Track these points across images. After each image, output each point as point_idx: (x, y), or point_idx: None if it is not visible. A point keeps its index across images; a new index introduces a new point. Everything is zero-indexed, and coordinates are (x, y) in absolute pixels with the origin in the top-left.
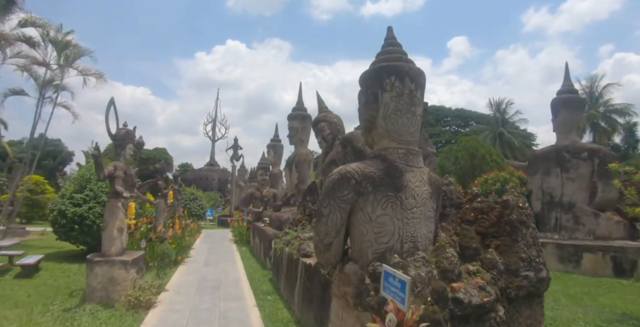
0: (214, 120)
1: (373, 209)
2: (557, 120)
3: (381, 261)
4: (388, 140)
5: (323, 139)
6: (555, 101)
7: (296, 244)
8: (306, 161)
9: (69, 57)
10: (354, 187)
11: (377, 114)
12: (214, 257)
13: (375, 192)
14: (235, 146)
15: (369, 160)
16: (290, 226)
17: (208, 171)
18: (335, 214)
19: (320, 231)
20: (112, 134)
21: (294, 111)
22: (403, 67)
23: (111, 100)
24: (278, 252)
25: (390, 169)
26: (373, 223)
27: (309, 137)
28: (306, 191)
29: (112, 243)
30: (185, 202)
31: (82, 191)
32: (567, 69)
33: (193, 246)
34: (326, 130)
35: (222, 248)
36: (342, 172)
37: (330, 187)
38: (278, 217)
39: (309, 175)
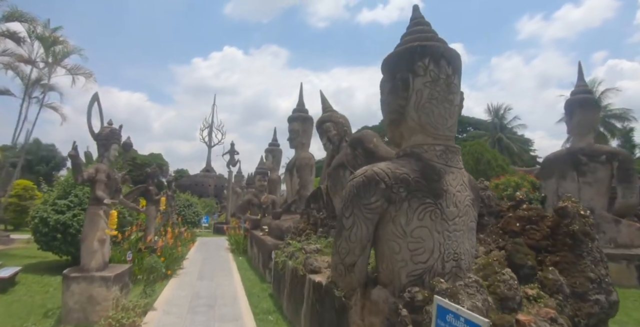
0: (211, 125)
1: (408, 220)
2: (573, 122)
3: (418, 285)
4: (422, 135)
5: (329, 141)
6: (570, 102)
7: (301, 258)
8: (308, 165)
9: (58, 54)
10: (383, 192)
11: (407, 103)
12: (209, 268)
13: (410, 199)
14: (231, 151)
15: (400, 159)
16: (292, 235)
17: (204, 177)
18: (360, 227)
19: (340, 248)
20: (94, 133)
21: (294, 113)
22: (438, 48)
23: (94, 95)
24: (280, 265)
25: (427, 170)
26: (408, 238)
27: (310, 140)
28: (310, 198)
29: (92, 256)
30: (179, 209)
31: (67, 196)
32: (581, 69)
33: (187, 255)
34: (332, 131)
35: (217, 258)
36: (368, 174)
37: (354, 192)
38: (278, 225)
39: (310, 180)
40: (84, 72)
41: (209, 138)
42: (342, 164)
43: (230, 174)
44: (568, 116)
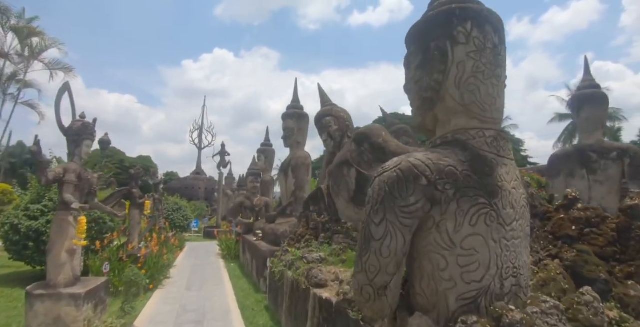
0: (201, 127)
1: (457, 226)
2: (580, 118)
3: (473, 311)
4: (466, 117)
5: (329, 137)
6: (577, 97)
7: (303, 269)
8: (304, 165)
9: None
10: (425, 190)
11: (446, 78)
12: (198, 276)
13: (460, 199)
14: (222, 152)
15: (440, 148)
16: (289, 241)
17: (194, 179)
18: (395, 237)
19: (368, 265)
20: (64, 127)
21: (289, 109)
22: (482, 11)
23: (65, 85)
24: (277, 275)
25: (477, 161)
26: (457, 249)
27: (305, 139)
28: (309, 200)
29: (60, 270)
30: (167, 212)
31: (40, 200)
32: (587, 63)
33: (175, 263)
34: (333, 126)
35: (207, 265)
36: (404, 167)
37: (386, 191)
38: (273, 230)
39: (307, 181)
40: (64, 67)
41: (199, 140)
42: (345, 161)
43: (221, 176)
44: (575, 112)
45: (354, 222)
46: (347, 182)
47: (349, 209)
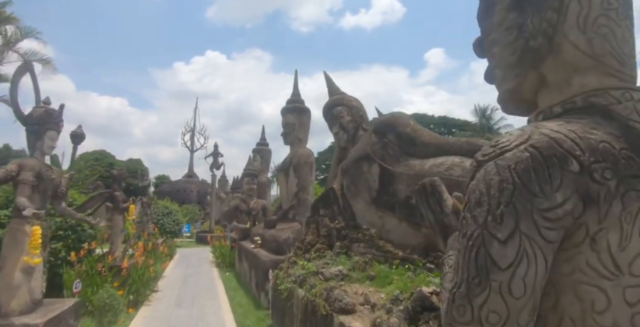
0: (193, 129)
1: (623, 240)
2: None
3: None
4: (597, 74)
5: (341, 129)
6: None
7: (320, 287)
8: (307, 164)
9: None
10: (577, 181)
11: (563, 18)
12: (190, 289)
13: (625, 195)
14: (215, 153)
15: (572, 117)
16: (296, 251)
17: (186, 182)
18: (535, 261)
19: (487, 312)
20: (22, 115)
21: (289, 104)
22: None
23: (25, 65)
24: (283, 292)
25: (633, 136)
26: (625, 277)
27: (307, 135)
28: (319, 202)
29: (13, 293)
30: (157, 217)
31: (9, 205)
32: None
33: (164, 273)
34: (345, 117)
35: (200, 275)
36: (541, 143)
37: (516, 183)
38: (274, 236)
39: (311, 181)
40: (41, 59)
41: (191, 142)
42: (365, 156)
43: (214, 177)
44: None
45: (377, 229)
46: (367, 181)
47: (371, 212)
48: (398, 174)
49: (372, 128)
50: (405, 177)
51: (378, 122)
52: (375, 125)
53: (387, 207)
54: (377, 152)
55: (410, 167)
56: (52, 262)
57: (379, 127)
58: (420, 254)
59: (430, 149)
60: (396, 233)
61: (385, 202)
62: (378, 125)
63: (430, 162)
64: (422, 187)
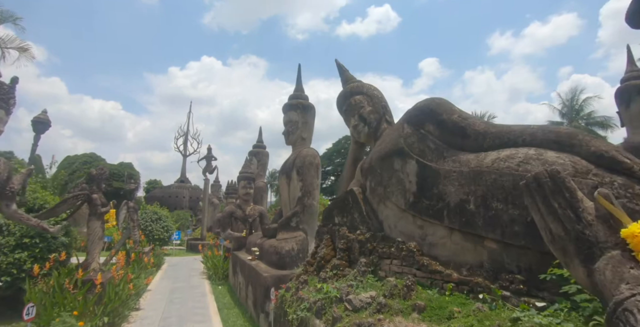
0: (186, 134)
1: None
2: (629, 111)
3: None
4: None
5: (362, 121)
6: (624, 89)
7: (348, 322)
8: (313, 165)
9: None
10: None
11: None
12: (177, 307)
13: None
14: (208, 157)
15: None
16: (307, 267)
17: (178, 188)
18: None
19: None
20: None
21: (291, 100)
22: None
23: None
24: (293, 322)
25: None
26: None
27: (312, 134)
28: (334, 208)
29: None
30: (145, 223)
31: None
32: (630, 53)
33: (149, 286)
34: (366, 107)
35: (189, 290)
36: None
37: None
38: (276, 248)
39: (317, 184)
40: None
41: (184, 147)
42: (397, 151)
43: (207, 182)
44: (623, 105)
45: (415, 241)
46: (401, 182)
47: (406, 220)
48: (445, 173)
49: (406, 117)
50: (456, 176)
51: (414, 109)
52: (409, 113)
53: (430, 214)
54: (414, 146)
55: (462, 163)
56: (15, 275)
57: (415, 116)
58: (486, 276)
59: (487, 140)
60: (445, 247)
61: (428, 208)
62: (414, 113)
63: (491, 156)
64: (535, 181)
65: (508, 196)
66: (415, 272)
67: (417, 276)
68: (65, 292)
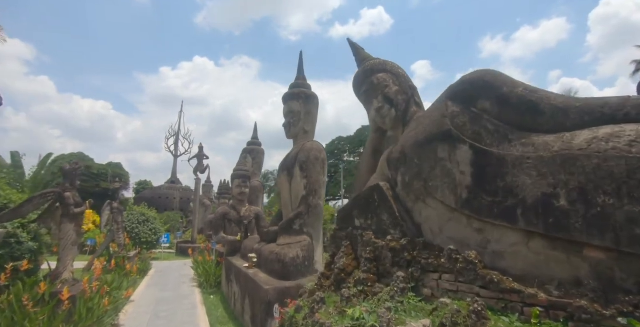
0: (177, 134)
1: None
2: None
3: None
4: None
5: (387, 102)
6: None
7: None
8: (318, 160)
9: None
10: None
11: None
12: (163, 324)
13: None
14: (200, 156)
15: None
16: (322, 280)
17: (169, 188)
18: None
19: None
20: None
21: (292, 89)
22: None
23: None
24: None
25: None
26: None
27: (315, 127)
28: (353, 208)
29: None
30: (131, 225)
31: None
32: None
33: (132, 296)
34: (392, 86)
35: (178, 300)
36: None
37: None
38: (277, 255)
39: (323, 182)
40: None
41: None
42: (443, 135)
43: (198, 182)
44: None
45: (472, 250)
46: (448, 173)
47: (457, 222)
48: (514, 160)
49: (449, 94)
50: (532, 164)
51: (461, 83)
52: (455, 89)
53: (494, 214)
54: (465, 127)
55: (538, 147)
56: None
57: (463, 91)
58: (593, 297)
59: (570, 116)
60: (518, 258)
61: (491, 206)
62: (462, 88)
63: (583, 136)
64: None
65: (621, 187)
66: (479, 292)
67: (482, 296)
68: (25, 310)
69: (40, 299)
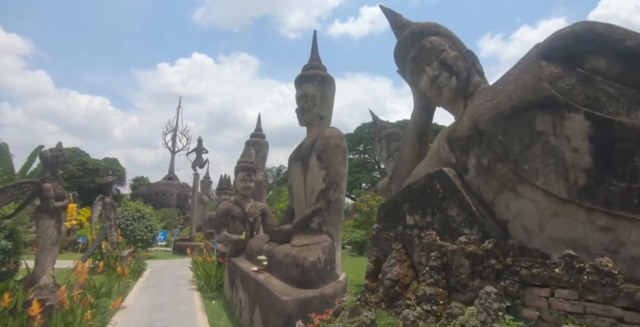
0: (175, 129)
1: None
2: None
3: None
4: None
5: (446, 70)
6: None
7: None
8: (339, 149)
9: None
10: None
11: None
12: None
13: None
14: (198, 149)
15: None
16: (366, 295)
17: (166, 185)
18: None
19: None
20: None
21: (307, 70)
22: None
23: None
24: None
25: None
26: None
27: (331, 114)
28: (403, 201)
29: None
30: (127, 222)
31: None
32: None
33: (124, 301)
34: (449, 51)
35: (175, 306)
36: None
37: None
38: (295, 258)
39: (344, 174)
40: None
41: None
42: (542, 101)
43: (196, 177)
44: None
45: (594, 254)
46: (553, 151)
47: (569, 217)
48: None
49: (542, 52)
50: None
51: (561, 37)
52: (552, 45)
53: (634, 205)
54: (574, 92)
55: None
56: None
57: (564, 48)
58: None
59: None
60: None
61: (628, 195)
62: (563, 43)
63: None
64: None
65: None
66: (623, 315)
67: (627, 321)
68: None
69: (13, 310)
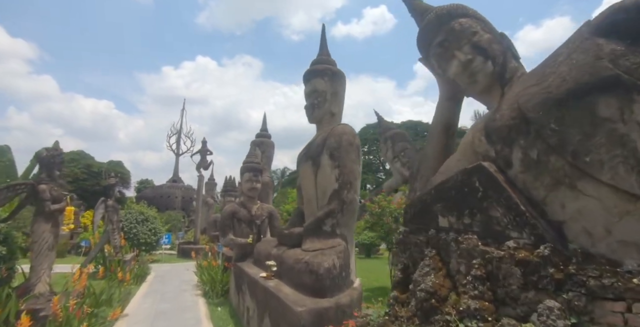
0: (179, 132)
1: None
2: None
3: None
4: None
5: (480, 54)
6: None
7: None
8: (353, 147)
9: None
10: None
11: None
12: None
13: None
14: (203, 151)
15: None
16: (395, 309)
17: (170, 187)
18: None
19: None
20: None
21: (316, 65)
22: None
23: None
24: None
25: None
26: None
27: (342, 110)
28: (434, 201)
29: None
30: (130, 225)
31: None
32: None
33: (126, 308)
34: (482, 33)
35: (179, 314)
36: None
37: None
38: (308, 264)
39: (359, 173)
40: None
41: (177, 145)
42: (603, 84)
43: (201, 179)
44: None
45: None
46: (621, 140)
47: None
48: None
49: (598, 28)
50: None
51: (621, 10)
52: (610, 19)
53: None
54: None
55: None
56: None
57: (626, 21)
58: None
59: None
60: None
61: None
62: (624, 16)
63: None
64: None
65: None
66: None
67: None
68: None
69: (5, 320)
